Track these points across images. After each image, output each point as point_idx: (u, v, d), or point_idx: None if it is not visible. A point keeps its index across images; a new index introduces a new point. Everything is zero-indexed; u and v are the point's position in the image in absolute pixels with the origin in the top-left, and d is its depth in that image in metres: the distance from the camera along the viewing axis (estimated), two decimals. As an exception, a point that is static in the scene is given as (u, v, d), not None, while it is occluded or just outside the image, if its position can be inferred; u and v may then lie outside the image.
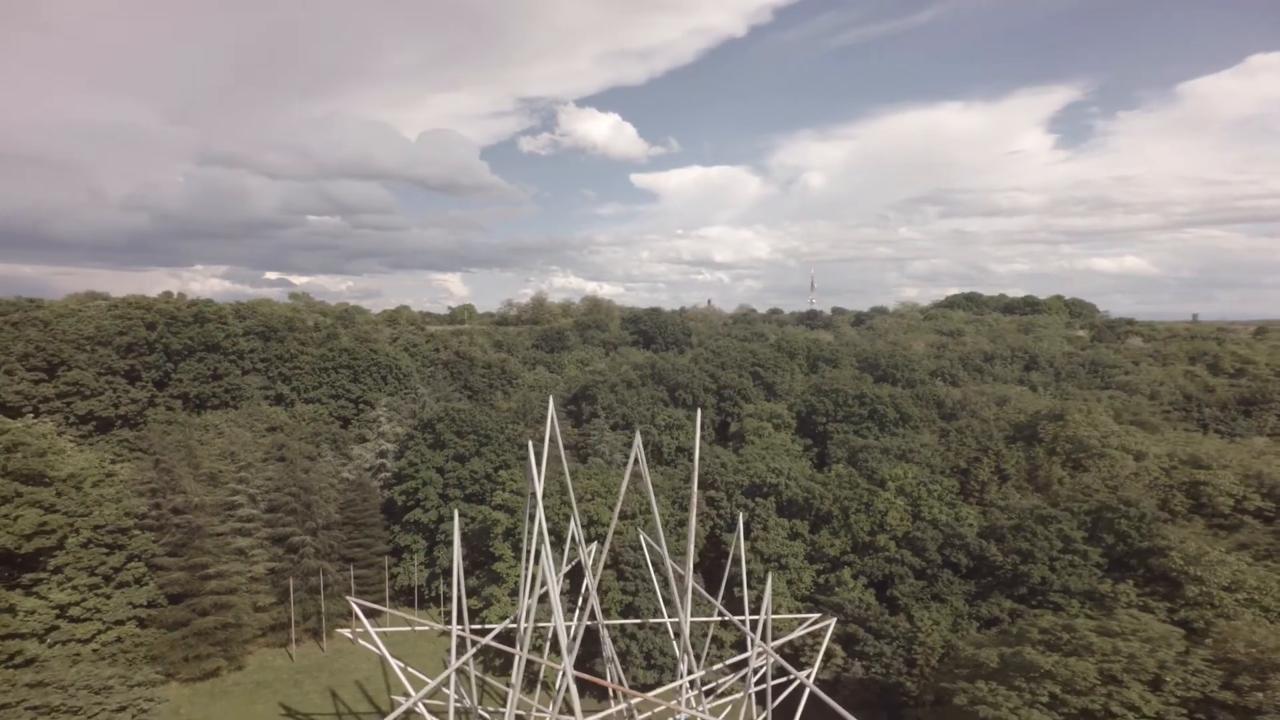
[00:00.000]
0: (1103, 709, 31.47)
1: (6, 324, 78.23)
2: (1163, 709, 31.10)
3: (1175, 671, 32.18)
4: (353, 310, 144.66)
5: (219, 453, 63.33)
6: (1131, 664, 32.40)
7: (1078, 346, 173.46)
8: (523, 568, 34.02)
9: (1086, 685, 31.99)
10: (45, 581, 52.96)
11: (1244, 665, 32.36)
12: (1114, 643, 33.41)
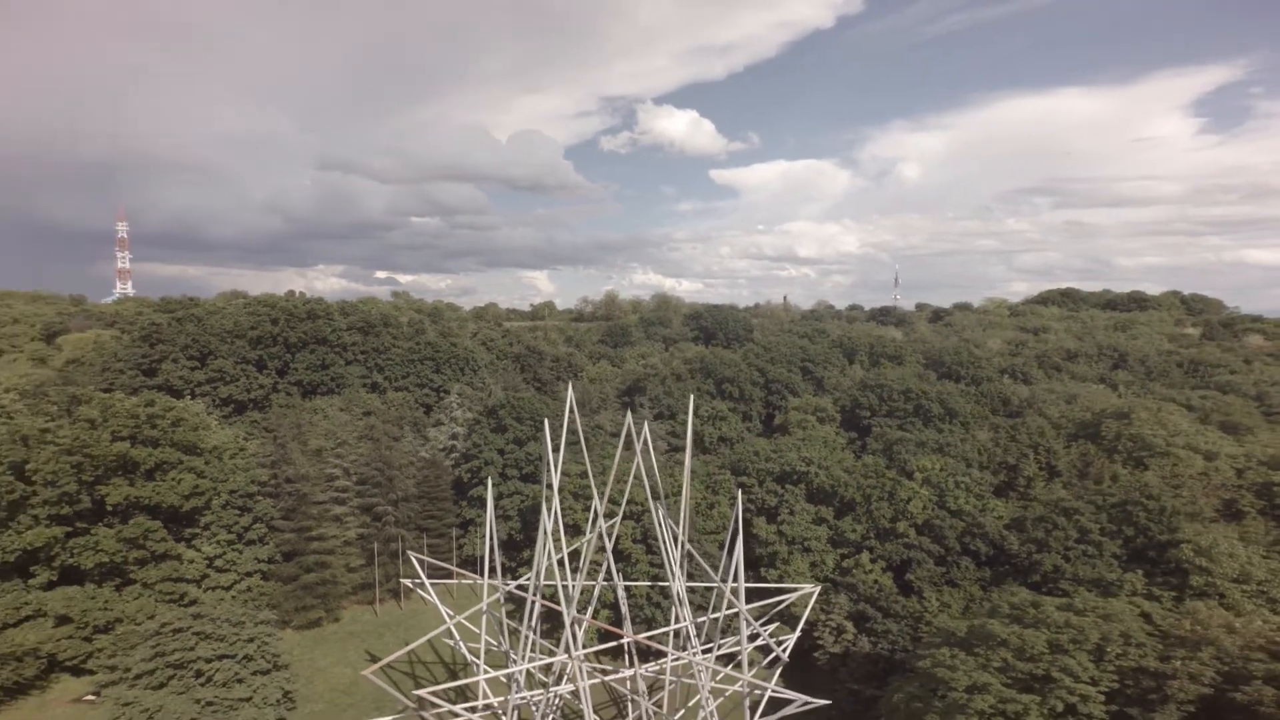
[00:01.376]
0: (1045, 673, 33.25)
1: (172, 319, 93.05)
2: (1098, 675, 32.64)
3: (1116, 644, 33.47)
4: (442, 307, 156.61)
5: (323, 432, 73.38)
6: (1078, 636, 33.88)
7: (1182, 345, 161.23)
8: (540, 531, 39.50)
9: (1035, 653, 33.86)
10: (199, 536, 64.46)
11: (1189, 642, 33.40)
12: (1067, 616, 34.93)
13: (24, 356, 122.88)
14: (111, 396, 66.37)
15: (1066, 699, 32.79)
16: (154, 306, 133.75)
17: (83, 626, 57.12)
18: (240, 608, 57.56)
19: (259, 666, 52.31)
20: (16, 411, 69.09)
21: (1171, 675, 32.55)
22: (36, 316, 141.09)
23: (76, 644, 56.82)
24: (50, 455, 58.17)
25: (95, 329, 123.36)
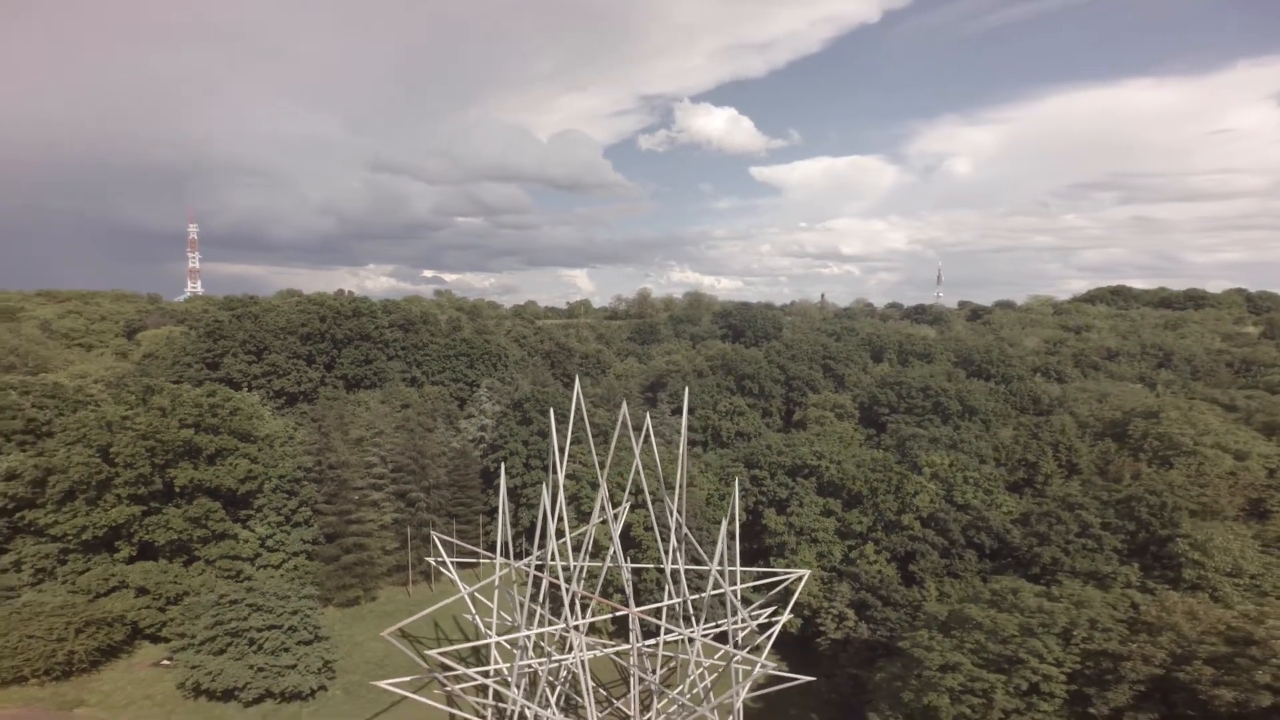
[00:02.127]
0: (1013, 654, 34.57)
1: (232, 317, 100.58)
2: (1063, 657, 33.86)
3: (1083, 628, 34.56)
4: (482, 305, 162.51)
5: (364, 423, 78.59)
6: (1047, 620, 35.08)
7: (1237, 344, 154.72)
8: (541, 512, 42.68)
9: (1006, 635, 35.19)
10: (253, 518, 70.24)
11: (1153, 628, 34.32)
12: (1040, 602, 36.14)
13: (109, 351, 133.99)
14: (179, 388, 72.90)
15: (1030, 678, 34.14)
16: (218, 304, 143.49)
17: (157, 598, 62.88)
18: (287, 584, 62.83)
19: (302, 637, 57.02)
20: (102, 400, 76.29)
21: (1126, 657, 33.57)
22: (119, 314, 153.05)
23: (153, 613, 62.51)
24: (129, 440, 64.14)
25: (168, 326, 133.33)
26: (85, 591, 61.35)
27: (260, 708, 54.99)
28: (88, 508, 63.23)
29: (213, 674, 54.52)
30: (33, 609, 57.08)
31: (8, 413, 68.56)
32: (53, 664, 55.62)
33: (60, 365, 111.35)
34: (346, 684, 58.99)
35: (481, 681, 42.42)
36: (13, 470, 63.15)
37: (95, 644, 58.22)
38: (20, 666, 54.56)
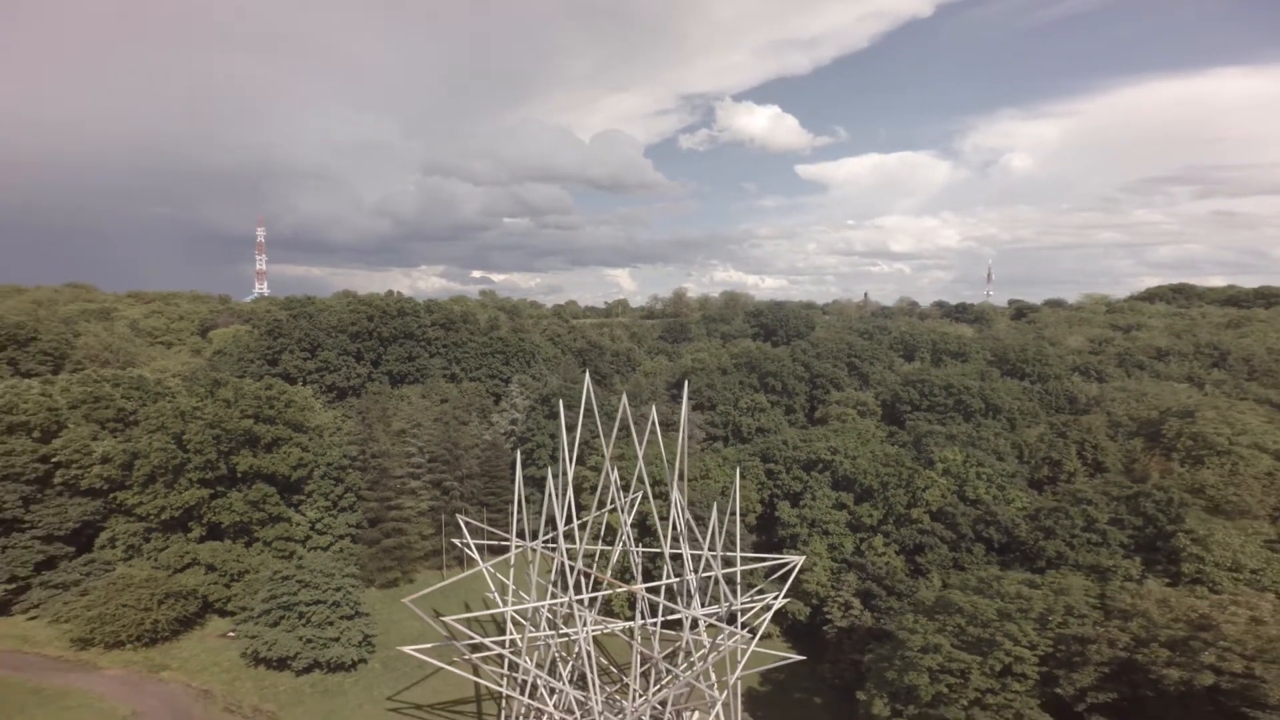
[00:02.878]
0: (990, 637, 35.59)
1: (290, 316, 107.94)
2: (1037, 640, 34.71)
3: (1058, 613, 35.31)
4: (524, 305, 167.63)
5: (405, 416, 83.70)
6: (1025, 605, 35.95)
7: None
8: (547, 495, 45.68)
9: (984, 619, 36.20)
10: (304, 502, 75.93)
11: (1128, 614, 34.87)
12: (1019, 589, 37.01)
13: (185, 348, 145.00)
14: (242, 381, 79.40)
15: (1004, 660, 35.16)
16: (279, 305, 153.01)
17: (223, 574, 68.69)
18: (332, 563, 67.94)
19: (344, 612, 61.76)
20: (177, 392, 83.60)
21: (1093, 640, 34.24)
22: (195, 314, 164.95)
23: (220, 588, 68.27)
24: (199, 428, 70.37)
25: (236, 325, 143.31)
26: (165, 567, 67.79)
27: (309, 677, 59.77)
28: (165, 490, 69.69)
29: (268, 644, 59.61)
30: (125, 580, 63.58)
31: (102, 403, 75.87)
32: (142, 631, 61.74)
33: (145, 361, 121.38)
34: (385, 658, 63.46)
35: (498, 651, 45.87)
36: (106, 454, 70.16)
37: (174, 614, 64.10)
38: (118, 632, 60.82)
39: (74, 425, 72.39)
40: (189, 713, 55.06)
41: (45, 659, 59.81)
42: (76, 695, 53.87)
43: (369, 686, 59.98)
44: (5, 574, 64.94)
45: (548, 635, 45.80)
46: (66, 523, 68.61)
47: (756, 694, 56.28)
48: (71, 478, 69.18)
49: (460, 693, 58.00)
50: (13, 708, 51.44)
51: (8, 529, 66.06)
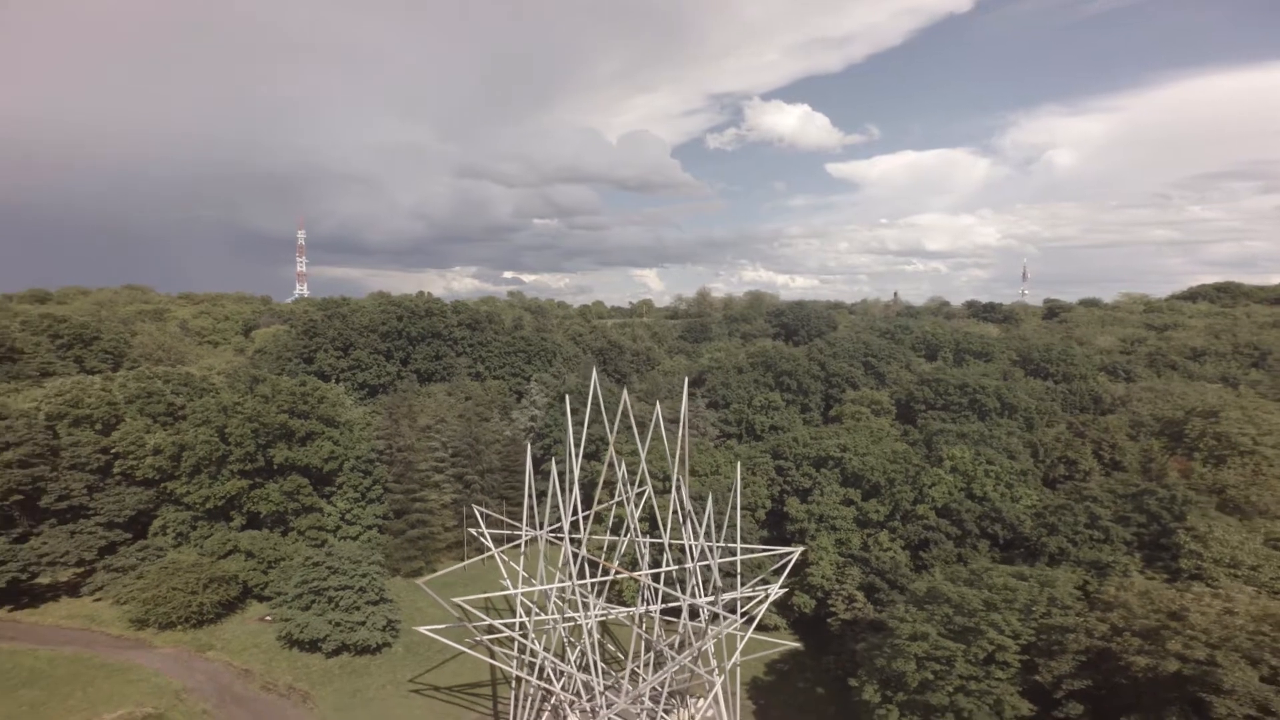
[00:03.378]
0: (975, 626, 36.30)
1: (325, 316, 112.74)
2: (1020, 629, 35.32)
3: (1041, 604, 35.85)
4: (551, 305, 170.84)
5: (431, 412, 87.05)
6: (1010, 596, 36.56)
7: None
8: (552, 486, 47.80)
9: (970, 609, 36.91)
10: (335, 494, 79.63)
11: (1111, 606, 35.29)
12: (1006, 580, 37.63)
13: (230, 347, 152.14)
14: (279, 378, 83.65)
15: (987, 648, 35.83)
16: (316, 305, 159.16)
17: (261, 561, 72.29)
18: (360, 551, 71.19)
19: (370, 598, 64.74)
20: (221, 388, 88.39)
21: (1071, 630, 34.74)
22: (239, 314, 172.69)
23: (258, 574, 71.97)
24: (239, 422, 74.39)
25: (276, 325, 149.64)
26: (210, 553, 71.82)
27: (338, 659, 62.98)
28: (210, 480, 73.93)
29: (301, 626, 62.97)
30: (175, 565, 67.74)
31: (155, 398, 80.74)
32: (190, 613, 65.76)
33: (194, 359, 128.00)
34: (408, 643, 66.34)
35: (508, 634, 48.20)
36: (158, 446, 74.68)
37: (218, 598, 67.90)
38: (169, 613, 64.99)
39: (130, 419, 77.18)
40: (231, 690, 58.59)
41: (109, 637, 64.29)
42: (136, 670, 57.90)
43: (393, 669, 62.86)
44: (74, 558, 69.44)
45: (553, 619, 47.90)
46: (124, 510, 73.06)
47: (761, 683, 57.57)
48: (128, 468, 73.81)
49: (476, 676, 60.56)
50: (85, 680, 55.61)
51: (75, 515, 70.72)
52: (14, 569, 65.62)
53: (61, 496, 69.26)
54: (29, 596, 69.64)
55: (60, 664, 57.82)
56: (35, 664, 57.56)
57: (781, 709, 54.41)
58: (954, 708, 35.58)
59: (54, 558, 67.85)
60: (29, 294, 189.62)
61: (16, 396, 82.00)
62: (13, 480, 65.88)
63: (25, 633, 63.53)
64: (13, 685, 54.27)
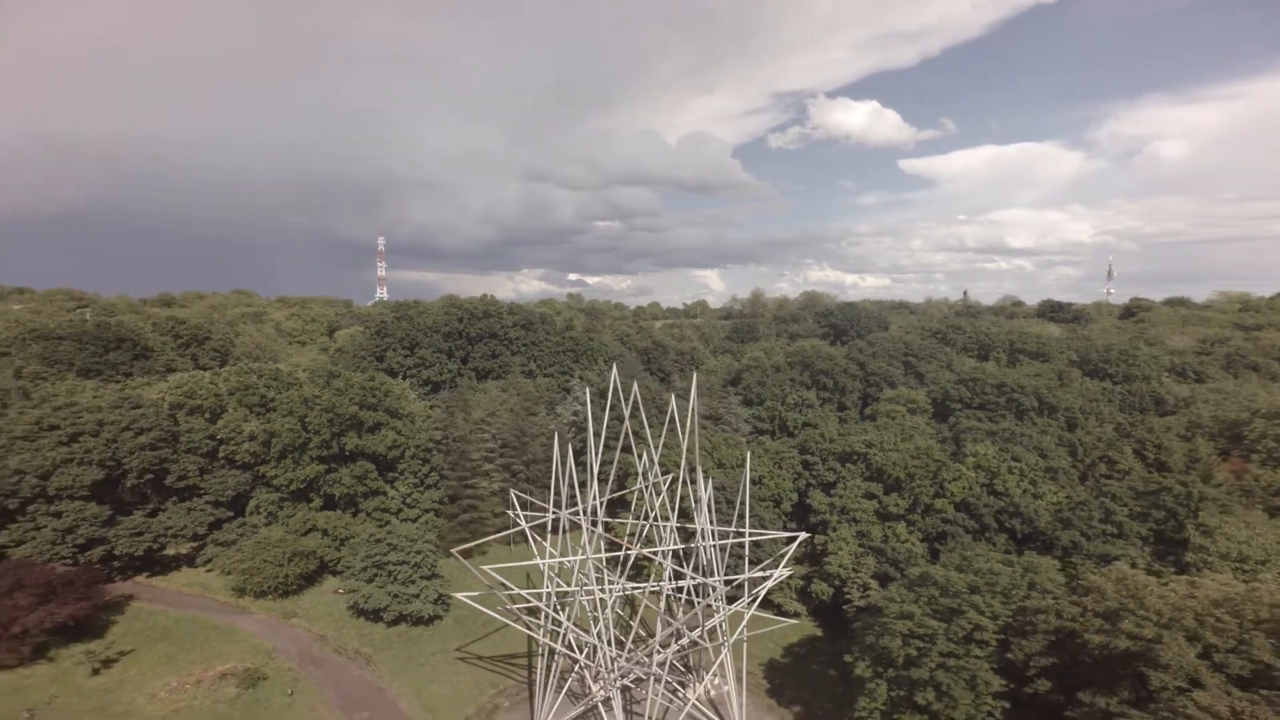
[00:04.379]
0: (957, 607, 37.66)
1: (394, 318, 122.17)
2: (999, 611, 36.43)
3: (1021, 589, 36.77)
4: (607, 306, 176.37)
5: (484, 407, 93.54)
6: (992, 580, 37.68)
7: None
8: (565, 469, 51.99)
9: (954, 591, 38.27)
10: (397, 479, 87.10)
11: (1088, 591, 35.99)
12: (991, 565, 38.74)
13: (315, 346, 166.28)
14: (351, 374, 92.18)
15: (967, 627, 37.13)
16: (389, 308, 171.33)
17: (335, 539, 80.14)
18: (416, 531, 77.84)
19: (424, 572, 70.90)
20: (303, 382, 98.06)
21: (1042, 611, 35.54)
22: (324, 317, 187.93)
23: (332, 550, 79.85)
24: (318, 413, 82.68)
25: (355, 326, 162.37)
26: (293, 531, 79.98)
27: (397, 628, 69.48)
28: (293, 465, 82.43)
29: (365, 597, 69.99)
30: (266, 541, 75.85)
31: (251, 391, 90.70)
32: (277, 583, 73.66)
33: (285, 357, 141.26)
34: (457, 616, 72.15)
35: (534, 604, 52.93)
36: (252, 433, 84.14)
37: (299, 570, 75.64)
38: (261, 583, 73.12)
39: (231, 409, 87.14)
40: (310, 652, 66.03)
41: (217, 602, 73.19)
42: (238, 633, 66.37)
43: (443, 639, 68.89)
44: (190, 532, 78.82)
45: (575, 590, 52.19)
46: (227, 490, 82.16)
47: (777, 664, 59.92)
48: (229, 453, 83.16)
49: (515, 648, 65.71)
50: (201, 638, 64.48)
51: (190, 494, 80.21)
52: (148, 540, 75.04)
53: (180, 477, 78.56)
54: (159, 565, 79.38)
55: (183, 624, 66.93)
56: (166, 623, 66.85)
57: (795, 688, 56.69)
58: (934, 682, 37.16)
59: (175, 531, 77.07)
60: (158, 299, 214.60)
61: (148, 389, 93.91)
62: (146, 461, 75.29)
63: (158, 596, 73.26)
64: (152, 640, 63.59)
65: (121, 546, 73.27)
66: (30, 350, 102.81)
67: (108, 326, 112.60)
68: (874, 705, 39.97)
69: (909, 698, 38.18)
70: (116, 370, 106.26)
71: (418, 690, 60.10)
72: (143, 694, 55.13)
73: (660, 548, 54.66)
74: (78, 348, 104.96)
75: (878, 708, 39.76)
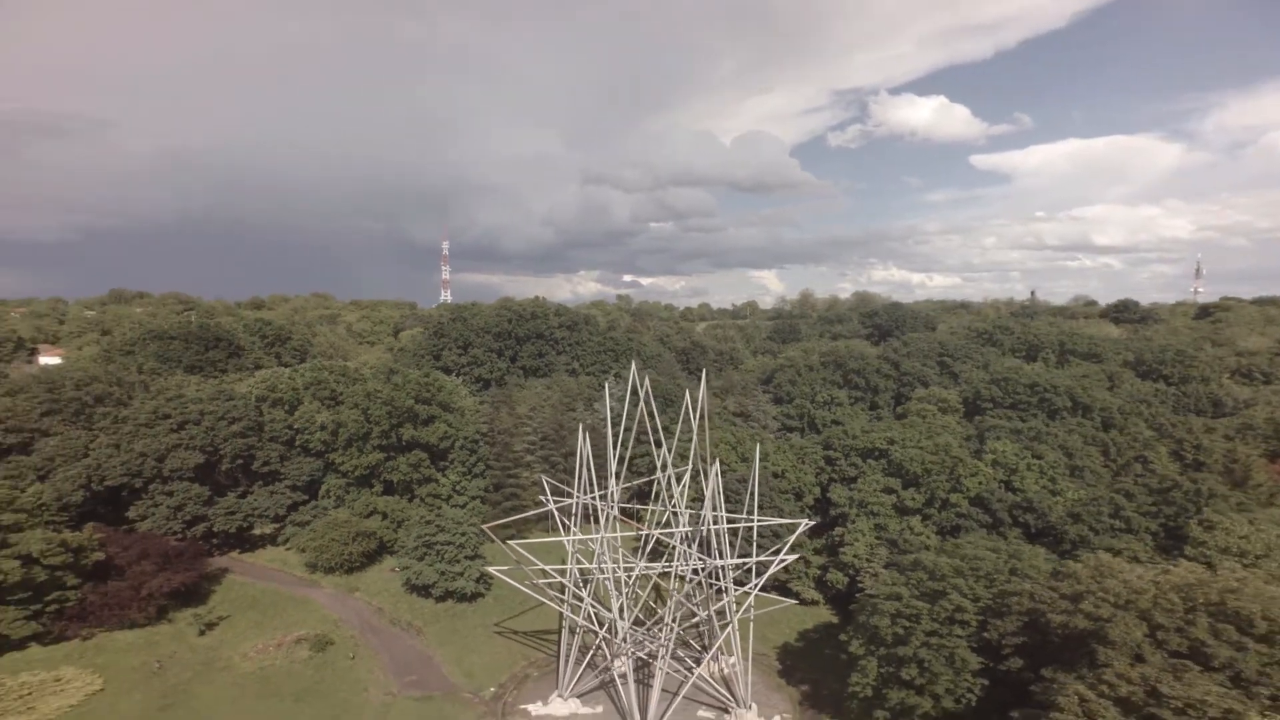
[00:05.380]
0: (942, 589, 39.34)
1: (451, 319, 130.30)
2: (980, 593, 37.93)
3: (1003, 574, 38.16)
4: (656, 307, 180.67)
5: (527, 402, 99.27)
6: (975, 563, 39.18)
7: None
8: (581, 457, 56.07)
9: (940, 574, 39.96)
10: (448, 468, 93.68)
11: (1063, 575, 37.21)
12: (977, 550, 40.24)
13: (382, 346, 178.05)
14: (409, 371, 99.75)
15: (949, 608, 38.71)
16: (449, 310, 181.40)
17: (392, 521, 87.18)
18: (464, 516, 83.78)
19: (468, 552, 76.70)
20: (368, 378, 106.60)
21: (1016, 594, 36.71)
22: (390, 318, 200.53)
23: (389, 532, 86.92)
24: (378, 405, 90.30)
25: (417, 327, 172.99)
26: (357, 513, 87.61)
27: (444, 604, 75.53)
28: (358, 453, 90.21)
29: (416, 573, 76.30)
30: (334, 522, 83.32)
31: (323, 386, 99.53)
32: (343, 560, 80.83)
33: (354, 355, 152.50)
34: (497, 595, 77.53)
35: (557, 579, 57.36)
36: (323, 424, 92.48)
37: (361, 549, 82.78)
38: (330, 560, 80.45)
39: (306, 402, 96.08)
40: (370, 622, 72.82)
41: (294, 577, 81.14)
42: (310, 604, 73.94)
43: (484, 615, 74.44)
44: (272, 513, 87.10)
45: (595, 568, 56.29)
46: (302, 476, 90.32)
47: (791, 648, 62.24)
48: (305, 441, 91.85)
49: (547, 624, 70.46)
50: (280, 608, 72.32)
51: (272, 479, 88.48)
52: (239, 519, 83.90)
53: (264, 462, 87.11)
54: (248, 543, 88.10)
55: (267, 595, 74.94)
56: (254, 594, 74.97)
57: (805, 670, 58.99)
58: (917, 659, 38.99)
59: (260, 511, 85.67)
60: (249, 302, 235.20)
61: (239, 383, 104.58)
62: (237, 447, 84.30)
63: (247, 570, 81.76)
64: (243, 607, 71.68)
65: (219, 524, 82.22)
66: (149, 349, 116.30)
67: (208, 328, 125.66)
68: (865, 681, 42.15)
69: (896, 674, 40.16)
70: (214, 366, 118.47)
71: (459, 659, 65.64)
72: (237, 653, 62.76)
73: (675, 529, 58.05)
74: (185, 346, 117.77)
75: (869, 683, 41.92)
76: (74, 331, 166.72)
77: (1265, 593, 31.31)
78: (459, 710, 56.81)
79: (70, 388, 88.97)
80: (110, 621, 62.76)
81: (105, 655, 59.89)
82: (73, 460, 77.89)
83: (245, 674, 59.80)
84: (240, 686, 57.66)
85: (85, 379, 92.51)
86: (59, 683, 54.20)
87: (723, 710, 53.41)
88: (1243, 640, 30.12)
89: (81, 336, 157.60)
